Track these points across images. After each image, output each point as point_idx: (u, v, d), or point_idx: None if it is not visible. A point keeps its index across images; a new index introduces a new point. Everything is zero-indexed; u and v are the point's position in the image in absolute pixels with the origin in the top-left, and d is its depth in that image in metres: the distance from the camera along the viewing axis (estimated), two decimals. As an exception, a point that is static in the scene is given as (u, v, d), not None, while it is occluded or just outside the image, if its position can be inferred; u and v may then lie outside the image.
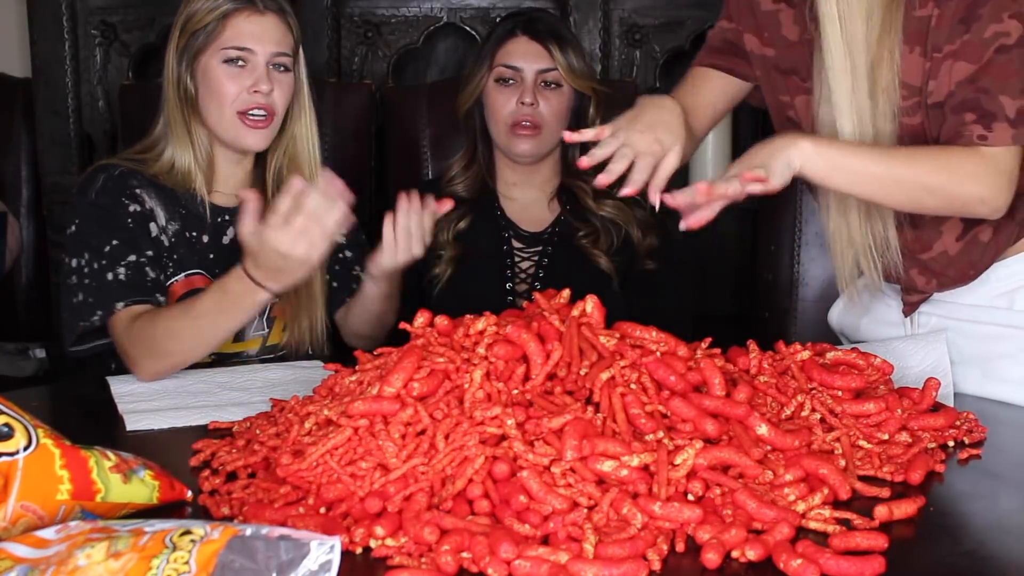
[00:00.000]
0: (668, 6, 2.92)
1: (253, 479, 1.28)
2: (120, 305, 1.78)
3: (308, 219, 1.59)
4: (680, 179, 3.16)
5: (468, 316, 1.40)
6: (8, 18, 3.08)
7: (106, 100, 2.85)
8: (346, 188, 1.61)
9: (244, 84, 1.86)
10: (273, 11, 1.89)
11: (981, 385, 1.65)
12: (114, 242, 1.82)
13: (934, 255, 1.66)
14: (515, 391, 1.30)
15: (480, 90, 2.24)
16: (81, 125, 2.84)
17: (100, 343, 1.82)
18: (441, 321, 1.39)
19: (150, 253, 1.83)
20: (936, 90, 1.52)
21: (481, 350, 1.33)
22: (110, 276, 1.80)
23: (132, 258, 1.81)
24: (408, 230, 1.78)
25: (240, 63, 1.86)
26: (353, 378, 1.40)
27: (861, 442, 1.34)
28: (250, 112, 1.86)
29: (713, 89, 1.77)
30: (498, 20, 2.43)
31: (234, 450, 1.36)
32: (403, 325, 1.43)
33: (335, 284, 2.02)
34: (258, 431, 1.40)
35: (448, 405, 1.27)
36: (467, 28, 2.91)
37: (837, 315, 1.87)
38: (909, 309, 1.74)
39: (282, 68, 1.89)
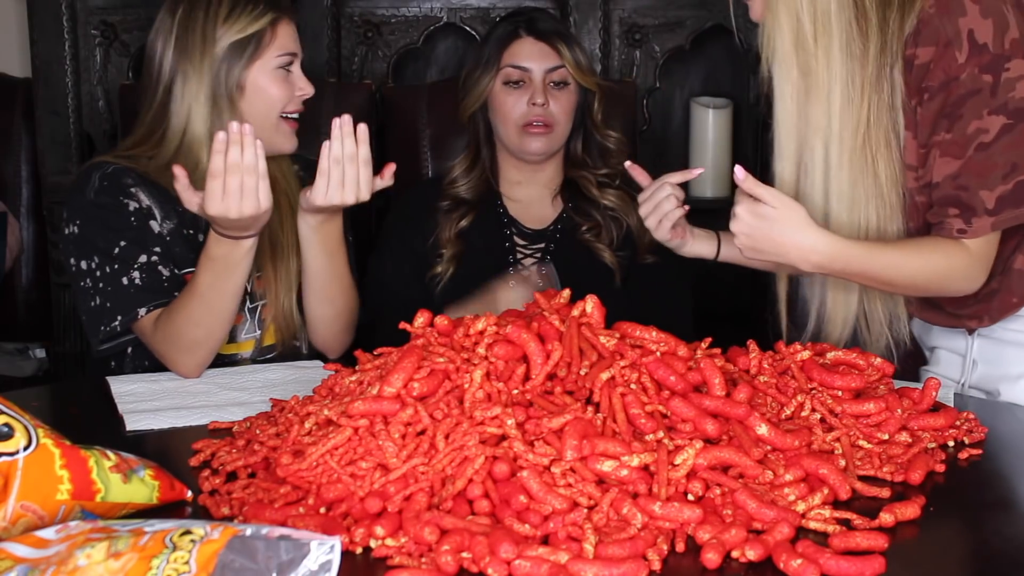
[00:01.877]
0: (668, 6, 2.92)
1: (253, 479, 1.28)
2: (143, 311, 1.79)
3: (239, 174, 1.62)
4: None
5: (468, 316, 1.40)
6: (8, 18, 3.08)
7: (106, 100, 2.84)
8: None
9: (293, 88, 1.90)
10: (291, 19, 1.93)
11: None
12: (122, 243, 1.81)
13: (979, 299, 1.66)
14: (515, 391, 1.30)
15: (486, 94, 2.23)
16: (81, 125, 2.84)
17: (125, 339, 1.83)
18: (441, 321, 1.40)
19: (158, 250, 1.83)
20: (924, 176, 1.58)
21: (481, 350, 1.33)
22: (125, 280, 1.80)
23: (143, 259, 1.81)
24: (341, 163, 1.71)
25: (288, 68, 1.90)
26: (353, 378, 1.40)
27: (861, 442, 1.34)
28: (293, 114, 1.91)
29: None
30: (497, 20, 2.42)
31: (234, 450, 1.36)
32: (403, 325, 1.43)
33: None
34: (258, 431, 1.40)
35: (448, 405, 1.27)
36: (467, 28, 2.91)
37: (917, 326, 1.85)
38: (972, 330, 1.74)
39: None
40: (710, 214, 3.06)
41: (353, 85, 2.81)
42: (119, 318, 1.79)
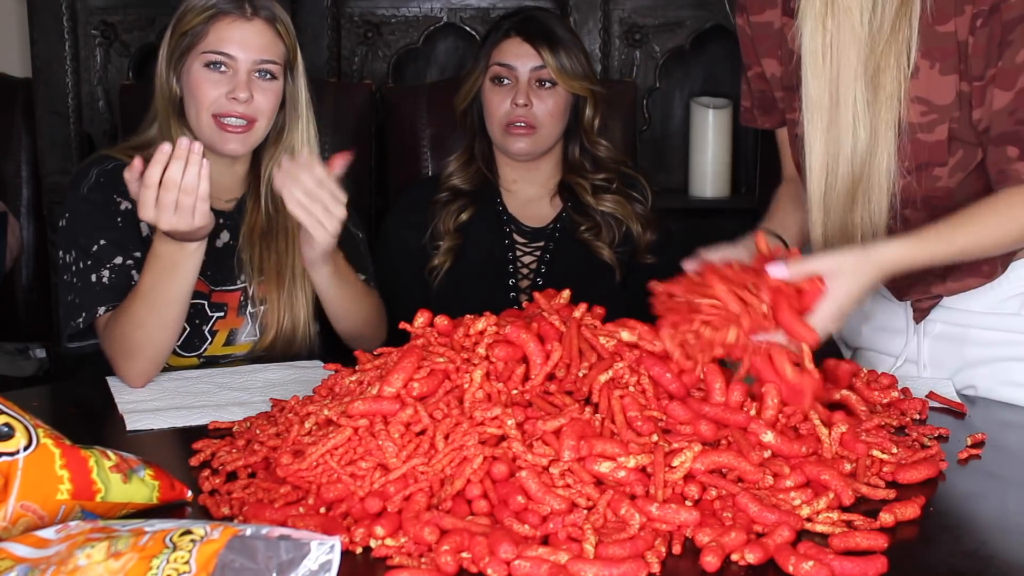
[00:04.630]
0: (668, 6, 2.92)
1: (253, 479, 1.28)
2: (102, 310, 1.77)
3: (174, 191, 1.58)
4: (681, 195, 3.15)
5: (468, 316, 1.40)
6: (8, 18, 3.08)
7: (106, 100, 2.85)
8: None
9: (222, 90, 1.83)
10: (262, 18, 1.86)
11: (991, 388, 1.63)
12: (102, 242, 1.81)
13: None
14: (514, 391, 1.30)
15: (476, 90, 2.25)
16: (81, 125, 2.84)
17: (93, 342, 1.82)
18: (441, 321, 1.39)
19: (138, 254, 1.81)
20: (983, 117, 1.50)
21: (481, 350, 1.33)
22: (94, 278, 1.79)
23: (118, 260, 1.80)
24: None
25: (222, 68, 1.83)
26: (353, 378, 1.40)
27: (875, 452, 1.31)
28: (225, 118, 1.83)
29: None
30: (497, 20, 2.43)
31: (234, 450, 1.36)
32: (403, 325, 1.43)
33: None
34: (258, 431, 1.40)
35: (448, 405, 1.27)
36: (467, 28, 2.91)
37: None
38: (920, 315, 1.70)
39: (268, 76, 1.86)
40: (710, 214, 3.09)
41: (353, 85, 2.82)
42: (83, 315, 1.78)
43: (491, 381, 1.29)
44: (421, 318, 1.41)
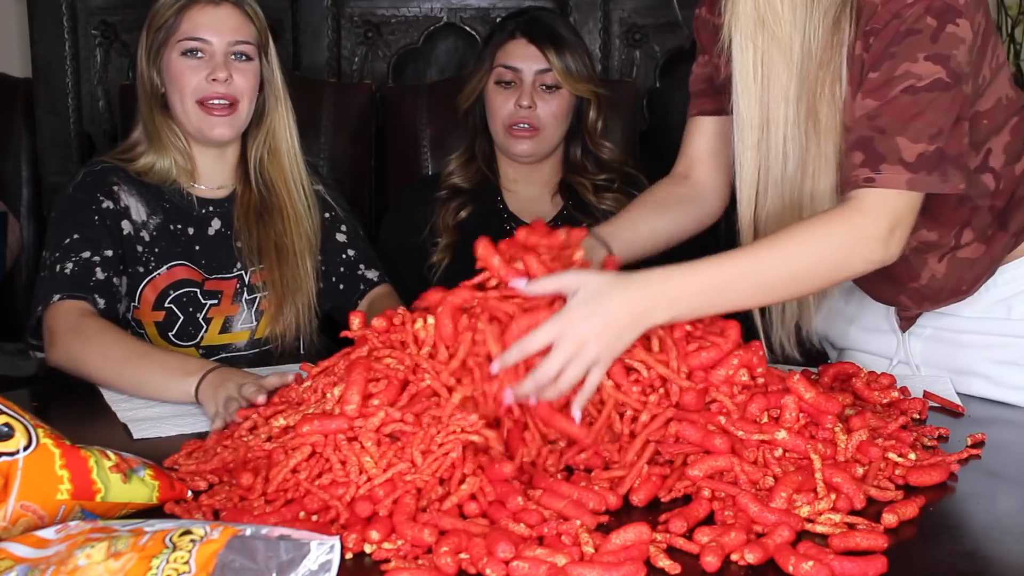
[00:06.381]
0: (668, 6, 2.91)
1: (225, 487, 1.25)
2: (56, 296, 1.78)
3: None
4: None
5: (403, 311, 1.35)
6: (8, 18, 3.08)
7: (106, 100, 2.85)
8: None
9: (202, 74, 1.88)
10: (230, 2, 1.91)
11: (985, 390, 1.62)
12: (75, 236, 1.83)
13: (924, 282, 1.59)
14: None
15: (480, 90, 2.26)
16: (81, 125, 2.84)
17: None
18: (379, 323, 1.35)
19: (109, 253, 1.83)
20: (851, 126, 1.42)
21: (455, 364, 1.28)
22: (58, 268, 1.81)
23: (86, 254, 1.82)
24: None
25: (198, 54, 1.88)
26: (307, 384, 1.38)
27: (890, 454, 1.30)
28: (209, 101, 1.88)
29: (708, 134, 1.69)
30: (498, 20, 2.43)
31: (200, 452, 1.35)
32: (345, 333, 1.40)
33: (341, 286, 2.03)
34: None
35: (417, 414, 1.24)
36: (467, 28, 2.91)
37: (821, 322, 1.76)
38: (906, 324, 1.69)
39: (243, 57, 1.91)
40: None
41: (353, 85, 2.82)
42: (40, 307, 1.80)
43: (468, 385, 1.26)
44: (356, 319, 1.39)
